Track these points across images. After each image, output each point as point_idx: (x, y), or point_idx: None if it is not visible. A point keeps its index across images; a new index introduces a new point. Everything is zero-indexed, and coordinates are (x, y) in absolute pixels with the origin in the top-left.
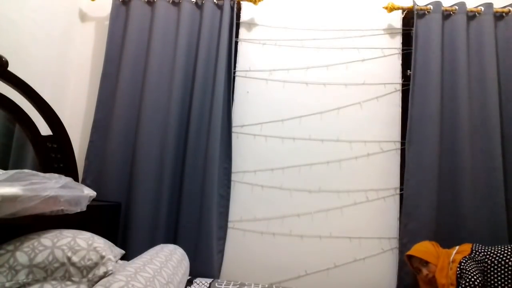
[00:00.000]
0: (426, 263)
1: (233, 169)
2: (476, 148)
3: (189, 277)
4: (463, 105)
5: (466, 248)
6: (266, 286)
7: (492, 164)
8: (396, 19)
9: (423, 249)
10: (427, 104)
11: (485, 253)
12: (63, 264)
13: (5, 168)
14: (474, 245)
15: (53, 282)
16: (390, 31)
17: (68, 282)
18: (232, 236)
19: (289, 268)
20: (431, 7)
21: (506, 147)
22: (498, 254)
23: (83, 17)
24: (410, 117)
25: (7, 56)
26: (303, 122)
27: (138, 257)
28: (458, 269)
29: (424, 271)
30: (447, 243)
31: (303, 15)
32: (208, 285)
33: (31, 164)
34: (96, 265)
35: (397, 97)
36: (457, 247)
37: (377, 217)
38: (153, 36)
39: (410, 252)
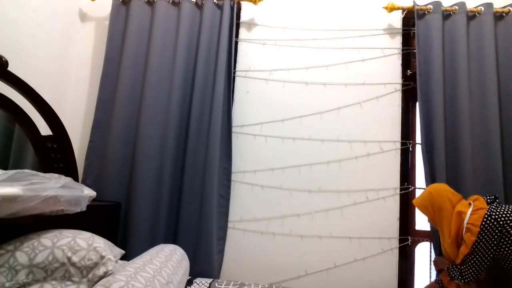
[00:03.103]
0: None
1: (233, 169)
2: (476, 147)
3: (189, 277)
4: (463, 105)
5: (478, 217)
6: (266, 286)
7: (492, 164)
8: (396, 19)
9: (420, 201)
10: (431, 103)
11: (505, 219)
12: (63, 264)
13: (5, 168)
14: (489, 207)
15: (53, 282)
16: (390, 31)
17: (68, 282)
18: (232, 236)
19: (289, 268)
20: (431, 7)
21: (505, 147)
22: None
23: (83, 17)
24: (421, 117)
25: (7, 56)
26: (303, 122)
27: (138, 257)
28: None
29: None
30: None
31: (303, 15)
32: (208, 285)
33: (31, 164)
34: (96, 265)
35: (397, 97)
36: (468, 214)
37: (377, 217)
38: (153, 36)
39: (413, 201)
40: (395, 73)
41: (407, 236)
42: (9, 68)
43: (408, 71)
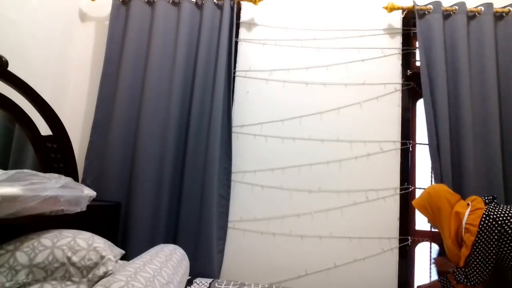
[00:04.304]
0: None
1: (233, 169)
2: (477, 147)
3: (189, 277)
4: (465, 104)
5: (476, 217)
6: (266, 286)
7: (493, 164)
8: (396, 19)
9: (419, 202)
10: (435, 103)
11: (504, 219)
12: (63, 264)
13: (5, 168)
14: (487, 207)
15: (53, 282)
16: (390, 31)
17: (68, 282)
18: (232, 236)
19: (289, 268)
20: (431, 7)
21: (506, 147)
22: None
23: (83, 17)
24: (427, 117)
25: (7, 56)
26: (303, 122)
27: (138, 257)
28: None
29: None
30: None
31: (303, 15)
32: (208, 285)
33: (31, 164)
34: (96, 265)
35: (397, 97)
36: (466, 214)
37: (377, 217)
38: (153, 36)
39: (413, 202)
40: (395, 73)
41: (407, 236)
42: (9, 68)
43: (408, 71)
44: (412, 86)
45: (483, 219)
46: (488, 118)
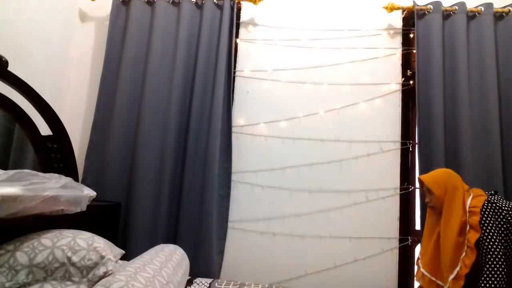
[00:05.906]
0: (431, 190)
1: (233, 169)
2: (476, 146)
3: (189, 277)
4: (463, 105)
5: (477, 201)
6: (266, 286)
7: (492, 164)
8: (396, 19)
9: (433, 177)
10: (430, 103)
11: (508, 210)
12: (63, 264)
13: (5, 168)
14: (488, 199)
15: (53, 282)
16: (390, 31)
17: (68, 282)
18: (232, 236)
19: (289, 268)
20: (431, 7)
21: (505, 147)
22: None
23: (83, 17)
24: (418, 117)
25: (7, 56)
26: (303, 122)
27: (138, 257)
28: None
29: (427, 197)
30: None
31: (303, 15)
32: (208, 285)
33: (31, 164)
34: (96, 265)
35: (397, 97)
36: (468, 201)
37: (377, 217)
38: (153, 36)
39: (421, 176)
40: (395, 73)
41: (407, 236)
42: (9, 68)
43: (408, 71)
44: (412, 86)
45: (486, 202)
46: (487, 117)
